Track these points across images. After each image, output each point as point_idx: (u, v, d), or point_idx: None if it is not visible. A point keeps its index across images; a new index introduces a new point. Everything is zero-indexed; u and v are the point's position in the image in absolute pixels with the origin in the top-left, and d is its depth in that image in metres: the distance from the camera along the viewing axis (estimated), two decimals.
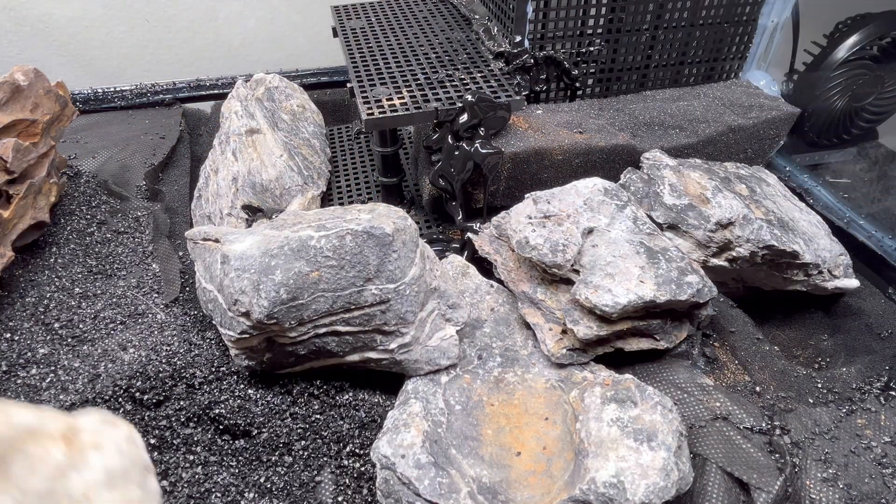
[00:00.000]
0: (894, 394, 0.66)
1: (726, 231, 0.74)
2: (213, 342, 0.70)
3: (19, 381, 0.65)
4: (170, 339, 0.70)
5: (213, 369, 0.67)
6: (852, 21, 1.05)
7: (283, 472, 0.60)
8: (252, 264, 0.59)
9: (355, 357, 0.64)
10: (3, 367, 0.66)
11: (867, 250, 0.88)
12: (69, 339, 0.70)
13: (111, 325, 0.73)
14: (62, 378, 0.65)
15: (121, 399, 0.63)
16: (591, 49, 0.95)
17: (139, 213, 0.90)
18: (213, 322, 0.66)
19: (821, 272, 0.77)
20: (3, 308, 0.73)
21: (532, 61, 0.92)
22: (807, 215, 0.84)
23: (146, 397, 0.63)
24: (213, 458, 0.61)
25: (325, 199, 1.00)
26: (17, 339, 0.70)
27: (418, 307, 0.63)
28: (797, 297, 0.83)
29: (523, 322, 0.70)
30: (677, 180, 0.79)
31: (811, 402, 0.66)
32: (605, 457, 0.52)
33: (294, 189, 0.90)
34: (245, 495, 0.58)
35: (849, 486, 0.55)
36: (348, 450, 0.62)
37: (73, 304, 0.75)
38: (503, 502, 0.53)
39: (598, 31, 0.95)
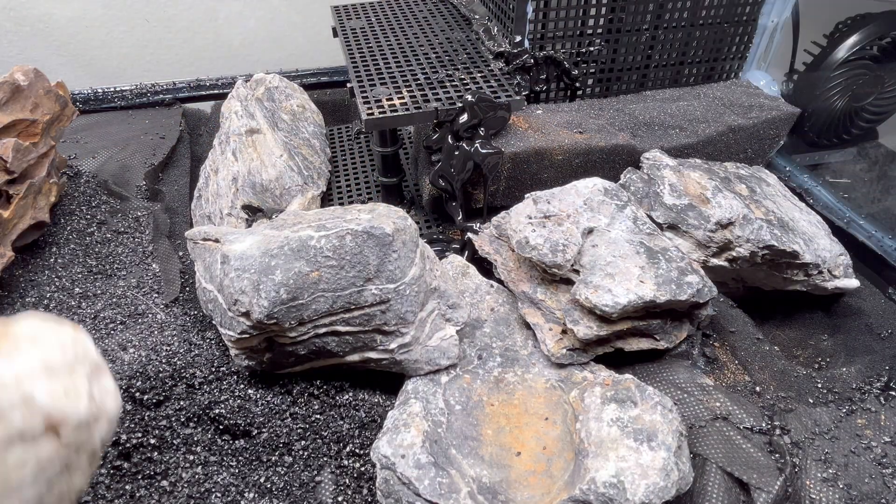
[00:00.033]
0: (894, 394, 0.66)
1: (726, 231, 0.74)
2: (213, 342, 0.70)
3: None
4: (170, 339, 0.70)
5: (213, 369, 0.67)
6: (852, 21, 1.05)
7: (283, 472, 0.60)
8: (252, 264, 0.59)
9: (355, 357, 0.64)
10: None
11: (867, 250, 0.88)
12: None
13: (111, 325, 0.73)
14: None
15: (121, 399, 0.63)
16: (591, 49, 0.95)
17: (139, 213, 0.90)
18: (213, 322, 0.66)
19: (821, 272, 0.77)
20: (3, 308, 0.73)
21: (532, 61, 0.92)
22: (807, 215, 0.84)
23: (146, 397, 0.63)
24: (213, 458, 0.61)
25: (325, 199, 1.00)
26: None
27: (418, 307, 0.63)
28: (797, 297, 0.83)
29: (523, 322, 0.70)
30: (677, 180, 0.79)
31: (811, 402, 0.66)
32: (605, 457, 0.52)
33: (294, 189, 0.90)
34: (245, 495, 0.58)
35: (849, 486, 0.55)
36: (348, 450, 0.62)
37: (73, 304, 0.75)
38: (503, 502, 0.53)
39: (598, 31, 0.95)
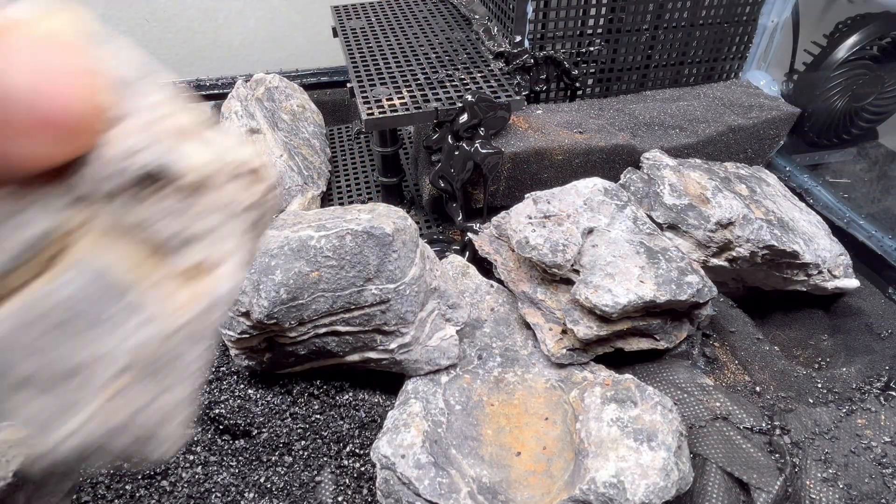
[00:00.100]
0: (894, 394, 0.66)
1: (726, 231, 0.74)
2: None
3: None
4: None
5: (213, 369, 0.67)
6: (852, 21, 1.05)
7: (283, 472, 0.60)
8: (252, 264, 0.59)
9: (355, 357, 0.64)
10: None
11: (867, 250, 0.88)
12: None
13: None
14: None
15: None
16: (591, 49, 0.95)
17: None
18: None
19: (821, 272, 0.77)
20: None
21: (532, 61, 0.92)
22: (807, 215, 0.84)
23: None
24: (213, 458, 0.61)
25: (325, 199, 1.00)
26: None
27: (418, 307, 0.63)
28: (797, 297, 0.82)
29: (523, 322, 0.70)
30: (677, 180, 0.79)
31: (811, 402, 0.66)
32: (605, 457, 0.52)
33: (294, 189, 0.90)
34: (245, 495, 0.58)
35: (849, 486, 0.55)
36: (348, 450, 0.62)
37: None
38: (503, 502, 0.53)
39: (598, 31, 0.95)
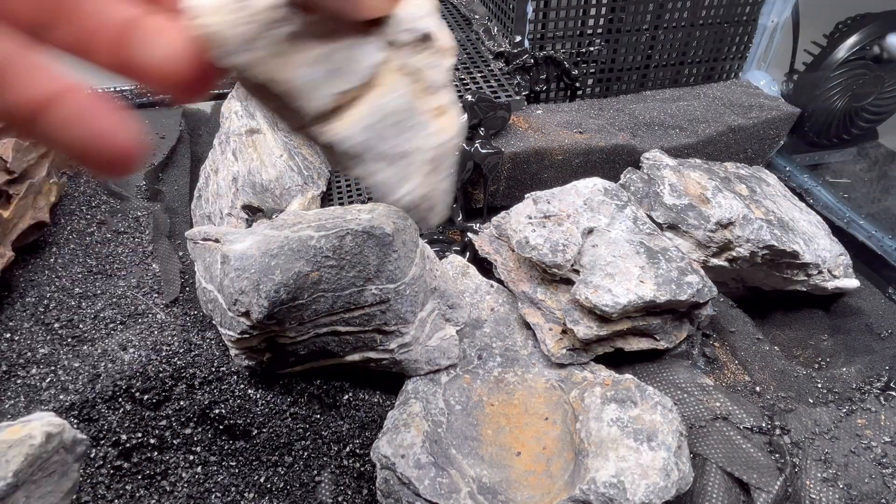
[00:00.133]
0: (894, 394, 0.66)
1: (726, 231, 0.74)
2: (213, 342, 0.70)
3: (19, 381, 0.65)
4: (170, 339, 0.70)
5: (213, 369, 0.67)
6: (852, 21, 1.05)
7: (283, 473, 0.60)
8: (252, 264, 0.59)
9: (355, 357, 0.64)
10: (3, 367, 0.66)
11: (867, 250, 0.88)
12: (69, 339, 0.70)
13: (111, 325, 0.73)
14: (62, 378, 0.65)
15: (121, 399, 0.63)
16: (591, 49, 0.95)
17: (139, 213, 0.90)
18: (213, 322, 0.66)
19: (821, 272, 0.77)
20: (3, 308, 0.73)
21: (532, 61, 0.92)
22: (807, 215, 0.84)
23: (146, 397, 0.63)
24: (213, 458, 0.61)
25: (325, 199, 1.00)
26: (17, 339, 0.69)
27: (418, 307, 0.63)
28: (797, 297, 0.82)
29: (523, 322, 0.70)
30: (677, 180, 0.79)
31: (811, 402, 0.66)
32: (605, 457, 0.52)
33: (294, 189, 0.90)
34: (245, 495, 0.58)
35: (849, 486, 0.55)
36: (348, 450, 0.62)
37: (73, 304, 0.75)
38: (503, 502, 0.53)
39: (598, 31, 0.95)
